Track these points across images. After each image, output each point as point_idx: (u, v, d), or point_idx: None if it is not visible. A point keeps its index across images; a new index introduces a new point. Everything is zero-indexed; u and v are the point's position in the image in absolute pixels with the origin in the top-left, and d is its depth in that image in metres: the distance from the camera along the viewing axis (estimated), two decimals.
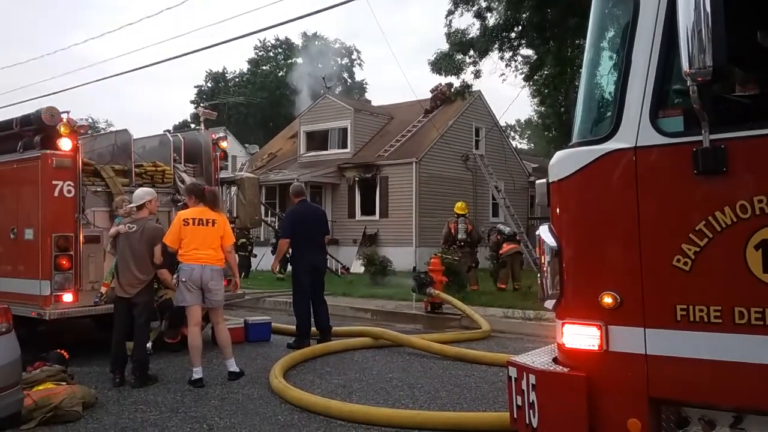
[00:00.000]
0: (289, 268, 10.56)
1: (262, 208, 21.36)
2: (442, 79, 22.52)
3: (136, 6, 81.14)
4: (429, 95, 28.30)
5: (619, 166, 2.86)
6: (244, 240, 20.89)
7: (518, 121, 67.90)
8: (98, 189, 8.83)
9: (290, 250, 9.45)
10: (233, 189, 10.74)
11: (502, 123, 33.07)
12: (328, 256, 9.35)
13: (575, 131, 3.19)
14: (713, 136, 2.59)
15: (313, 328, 9.27)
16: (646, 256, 2.80)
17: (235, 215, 10.24)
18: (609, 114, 3.00)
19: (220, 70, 57.49)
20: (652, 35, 2.79)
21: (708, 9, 2.42)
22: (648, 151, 2.79)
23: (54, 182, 8.05)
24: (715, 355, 2.67)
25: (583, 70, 3.28)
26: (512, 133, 62.75)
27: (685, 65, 2.48)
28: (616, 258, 2.92)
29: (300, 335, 9.11)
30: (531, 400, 3.12)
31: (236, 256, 8.87)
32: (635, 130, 2.81)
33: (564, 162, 3.08)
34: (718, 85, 2.52)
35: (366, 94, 51.52)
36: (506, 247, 15.28)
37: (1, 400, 4.81)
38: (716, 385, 2.69)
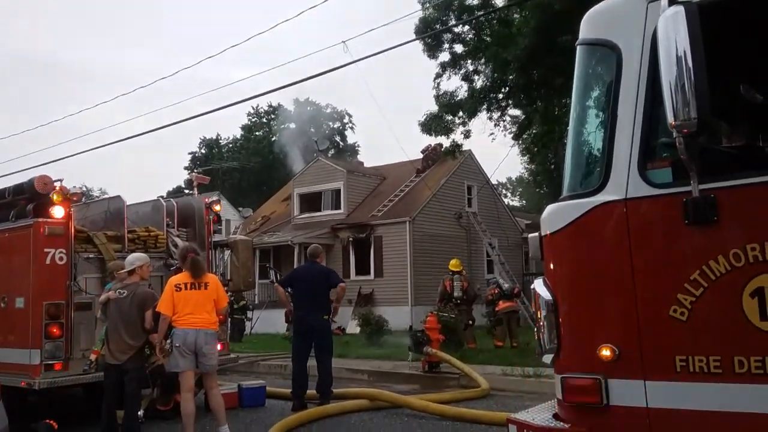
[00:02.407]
0: None
1: (257, 270, 21.36)
2: (433, 140, 22.87)
3: (131, 76, 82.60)
4: (420, 155, 28.69)
5: (611, 218, 2.88)
6: (244, 302, 20.77)
7: (509, 178, 68.53)
8: (90, 256, 8.78)
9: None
10: (227, 252, 10.71)
11: (494, 181, 33.47)
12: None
13: (565, 185, 3.22)
14: (702, 186, 2.61)
15: (312, 391, 9.12)
16: (643, 307, 2.79)
17: (228, 278, 10.18)
18: (598, 167, 3.03)
19: (214, 137, 58.18)
20: (637, 89, 2.86)
21: (690, 63, 2.48)
22: (638, 203, 2.82)
23: (46, 250, 8.02)
24: (717, 406, 2.63)
25: (571, 126, 3.33)
26: (504, 191, 63.23)
27: (670, 118, 2.52)
28: (612, 310, 2.90)
29: (294, 396, 8.96)
30: None
31: (231, 318, 8.81)
32: (624, 182, 2.84)
33: (555, 215, 3.10)
34: (704, 136, 2.56)
35: (358, 156, 52.10)
36: (502, 305, 15.20)
37: None
38: None
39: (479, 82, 16.93)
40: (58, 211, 8.09)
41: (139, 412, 7.30)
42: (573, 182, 3.22)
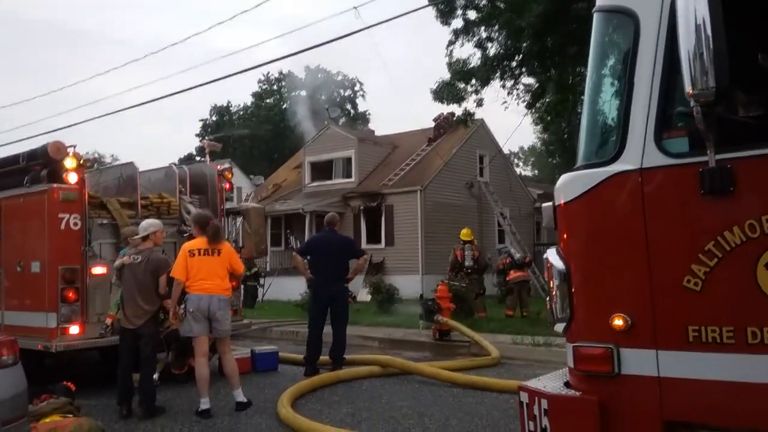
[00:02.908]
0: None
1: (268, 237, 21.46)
2: (445, 108, 22.69)
3: (141, 40, 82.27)
4: (432, 124, 28.50)
5: (626, 187, 2.86)
6: (256, 269, 20.94)
7: (522, 148, 68.19)
8: (104, 221, 8.85)
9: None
10: (239, 219, 10.77)
11: (506, 150, 33.22)
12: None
13: (580, 154, 3.20)
14: (719, 156, 2.59)
15: (326, 357, 9.24)
16: (656, 277, 2.79)
17: (240, 245, 10.25)
18: (613, 136, 3.00)
19: (225, 104, 58.03)
20: (654, 57, 2.82)
21: (709, 31, 2.45)
22: (654, 172, 2.80)
23: (60, 215, 8.10)
24: (729, 376, 2.64)
25: (586, 94, 3.30)
26: (516, 160, 62.93)
27: (687, 87, 2.49)
28: (625, 279, 2.90)
29: (306, 361, 9.08)
30: (543, 426, 3.08)
31: (244, 285, 8.92)
32: (640, 152, 2.82)
33: (570, 184, 3.08)
34: (721, 106, 2.53)
35: (369, 125, 51.82)
36: (513, 275, 15.25)
37: None
38: (731, 406, 2.65)
39: (492, 49, 16.74)
40: (72, 177, 8.15)
41: (154, 376, 7.44)
42: (588, 151, 3.19)
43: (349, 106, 56.69)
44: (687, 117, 2.65)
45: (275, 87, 57.60)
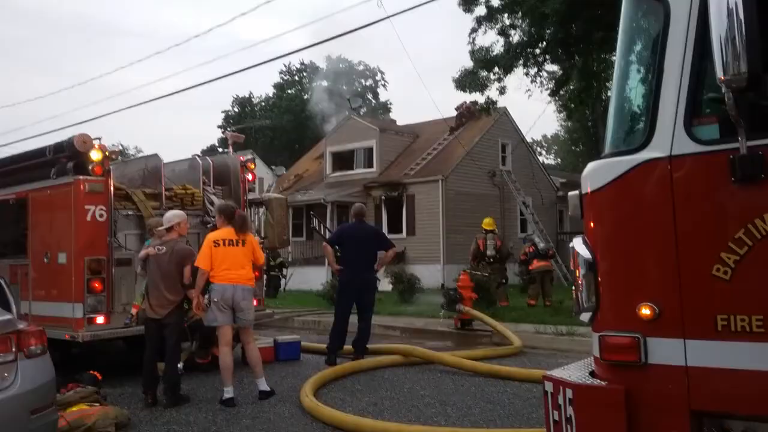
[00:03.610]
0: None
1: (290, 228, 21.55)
2: (467, 97, 22.53)
3: (165, 31, 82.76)
4: (454, 113, 28.35)
5: (654, 175, 2.81)
6: (281, 260, 21.06)
7: (545, 136, 67.64)
8: (129, 213, 8.95)
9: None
10: (261, 210, 10.82)
11: (529, 139, 32.97)
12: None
13: (608, 141, 3.15)
14: (750, 143, 2.54)
15: (348, 346, 9.27)
16: (685, 265, 2.74)
17: (263, 236, 10.30)
18: (642, 123, 2.95)
19: (247, 95, 58.29)
20: (684, 43, 2.76)
21: (741, 15, 2.39)
22: (683, 160, 2.74)
23: (87, 207, 8.19)
24: (758, 366, 2.59)
25: (615, 80, 3.24)
26: (539, 149, 62.44)
27: (719, 72, 2.44)
28: (653, 268, 2.85)
29: (329, 350, 9.12)
30: (568, 415, 3.05)
31: (267, 275, 8.98)
32: (670, 139, 2.77)
33: (597, 173, 3.04)
34: (753, 91, 2.47)
35: (390, 114, 51.79)
36: (536, 264, 15.16)
37: (36, 421, 4.84)
38: (760, 396, 2.61)
39: (516, 36, 16.52)
40: (97, 169, 8.24)
41: (178, 365, 7.52)
42: (616, 139, 3.14)
43: (370, 96, 56.64)
44: (718, 103, 2.60)
45: (296, 78, 57.70)
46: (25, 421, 4.72)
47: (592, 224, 3.10)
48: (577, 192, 3.22)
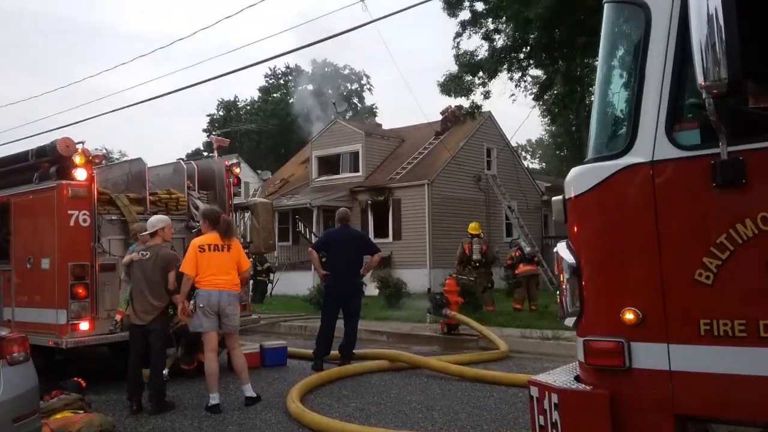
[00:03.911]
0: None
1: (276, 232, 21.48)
2: (452, 101, 22.59)
3: (147, 34, 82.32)
4: (439, 117, 28.43)
5: (636, 180, 2.83)
6: (268, 264, 20.98)
7: (529, 140, 68.01)
8: (113, 217, 8.88)
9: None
10: (247, 214, 10.78)
11: (514, 143, 33.07)
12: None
13: (590, 147, 3.17)
14: (731, 148, 2.57)
15: (335, 352, 9.24)
16: (667, 270, 2.76)
17: (249, 240, 10.26)
18: (624, 129, 2.98)
19: (232, 99, 58.10)
20: (665, 49, 2.79)
21: (721, 22, 2.41)
22: (665, 165, 2.77)
23: (70, 212, 8.12)
24: (741, 370, 2.62)
25: (597, 86, 3.27)
26: (524, 153, 62.72)
27: (699, 78, 2.46)
28: (636, 273, 2.88)
29: (316, 356, 9.09)
30: (554, 420, 3.07)
31: (254, 280, 8.92)
32: (651, 144, 2.79)
33: (580, 178, 3.06)
34: (733, 97, 2.50)
35: (376, 118, 51.78)
36: (522, 268, 15.20)
37: (19, 429, 4.79)
38: (743, 400, 2.63)
39: (500, 41, 16.63)
40: (81, 173, 8.17)
41: (163, 371, 7.46)
42: (598, 144, 3.17)
43: (356, 100, 56.64)
44: (699, 109, 2.63)
45: (282, 81, 57.60)
46: (8, 429, 4.67)
47: (575, 229, 3.12)
48: (560, 197, 3.24)
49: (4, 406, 4.66)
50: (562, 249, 3.18)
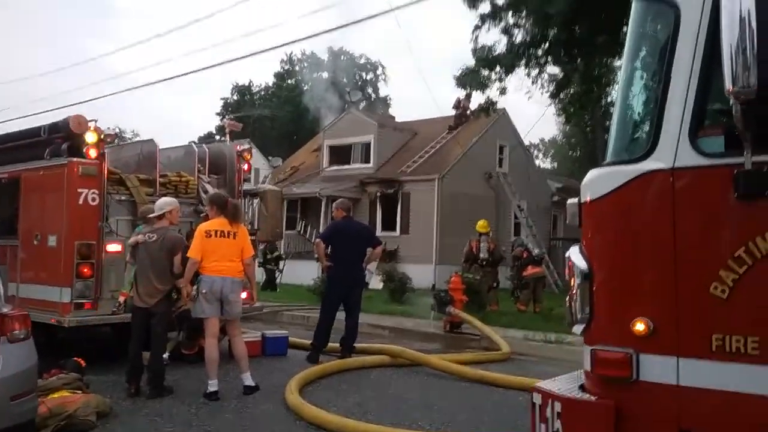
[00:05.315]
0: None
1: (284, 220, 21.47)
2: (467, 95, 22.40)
3: (163, 14, 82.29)
4: (453, 112, 28.23)
5: (656, 186, 2.74)
6: (277, 253, 20.95)
7: (542, 140, 67.54)
8: (122, 198, 8.84)
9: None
10: (255, 201, 10.73)
11: (526, 142, 32.85)
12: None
13: (609, 150, 3.08)
14: (756, 158, 2.47)
15: (335, 344, 9.20)
16: (682, 282, 2.68)
17: (256, 227, 10.21)
18: (645, 133, 2.89)
19: (246, 83, 58.04)
20: (693, 51, 2.69)
21: (753, 25, 2.32)
22: (686, 173, 2.68)
23: (79, 190, 8.08)
24: (750, 389, 2.54)
25: (620, 87, 3.18)
26: (536, 152, 62.37)
27: (728, 84, 2.37)
28: (650, 283, 2.79)
29: (314, 348, 9.04)
30: (555, 429, 2.99)
31: (264, 268, 8.89)
32: (673, 150, 2.70)
33: (597, 181, 2.97)
34: (762, 104, 2.40)
35: (390, 110, 51.59)
36: (531, 270, 15.11)
37: (16, 407, 4.77)
38: (752, 420, 2.55)
39: (519, 36, 16.45)
40: (92, 152, 8.13)
41: (164, 355, 7.43)
42: (618, 147, 3.07)
43: (370, 90, 56.46)
44: (725, 115, 2.53)
45: (297, 68, 57.47)
46: (5, 407, 4.65)
47: (589, 234, 3.03)
48: (575, 200, 3.15)
49: (2, 383, 4.64)
50: (574, 254, 3.10)
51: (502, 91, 17.11)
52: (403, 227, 25.05)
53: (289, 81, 56.42)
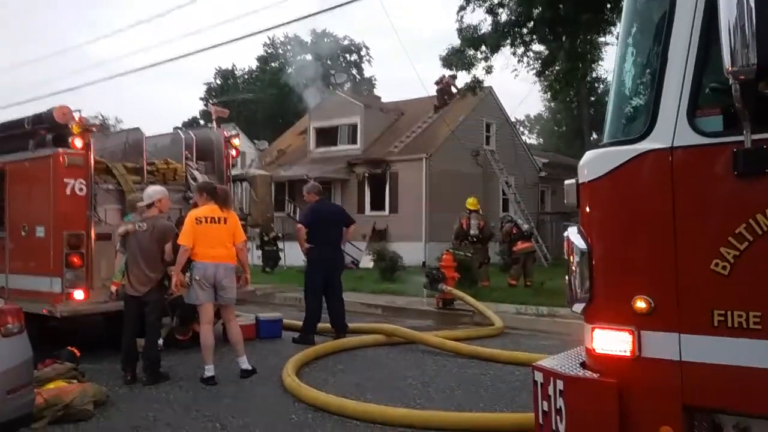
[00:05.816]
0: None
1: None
2: (450, 73, 22.28)
3: (144, 1, 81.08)
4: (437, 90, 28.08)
5: (655, 166, 2.74)
6: (274, 234, 20.96)
7: (528, 116, 67.58)
8: (110, 187, 8.77)
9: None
10: (244, 186, 10.68)
11: (512, 119, 32.81)
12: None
13: (606, 130, 3.08)
14: (755, 136, 2.48)
15: (327, 325, 9.23)
16: (683, 259, 2.69)
17: (246, 212, 10.17)
18: (643, 112, 2.88)
19: (230, 68, 57.42)
20: (691, 30, 2.67)
21: (752, 3, 2.31)
22: (685, 152, 2.68)
23: (66, 180, 8.01)
24: (753, 363, 2.57)
25: (615, 67, 3.16)
26: (522, 129, 62.38)
27: (726, 62, 2.36)
28: (650, 261, 2.80)
29: (305, 330, 9.06)
30: (558, 407, 3.02)
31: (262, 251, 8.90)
32: (671, 130, 2.70)
33: (596, 162, 2.97)
34: (762, 83, 2.40)
35: (375, 90, 51.28)
36: (521, 245, 15.23)
37: (13, 401, 4.75)
38: (754, 392, 2.58)
39: (504, 15, 16.38)
40: (77, 142, 8.04)
41: (159, 341, 7.42)
42: (615, 128, 3.07)
43: (355, 71, 56.05)
44: (723, 94, 2.53)
45: (280, 51, 56.90)
46: (1, 401, 4.63)
47: (588, 214, 3.04)
48: (573, 181, 3.15)
49: None
50: (573, 233, 3.11)
51: (488, 70, 17.06)
52: (392, 206, 25.06)
53: (273, 64, 55.85)
